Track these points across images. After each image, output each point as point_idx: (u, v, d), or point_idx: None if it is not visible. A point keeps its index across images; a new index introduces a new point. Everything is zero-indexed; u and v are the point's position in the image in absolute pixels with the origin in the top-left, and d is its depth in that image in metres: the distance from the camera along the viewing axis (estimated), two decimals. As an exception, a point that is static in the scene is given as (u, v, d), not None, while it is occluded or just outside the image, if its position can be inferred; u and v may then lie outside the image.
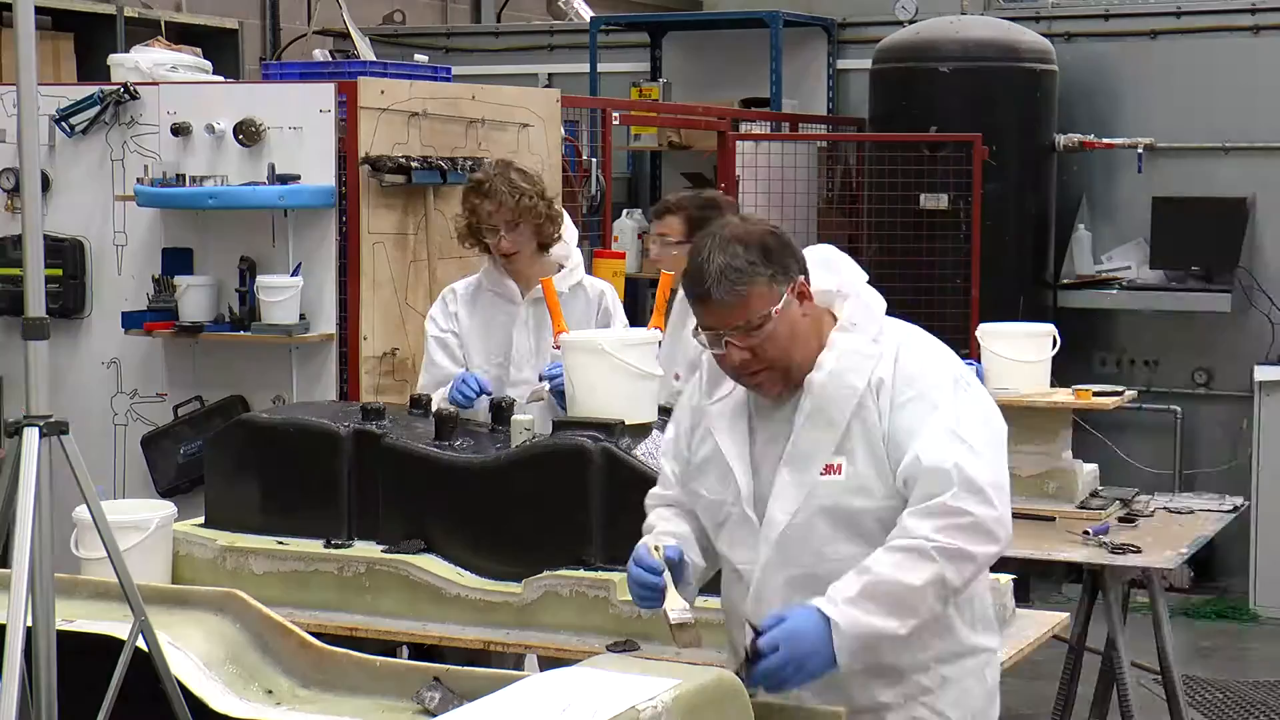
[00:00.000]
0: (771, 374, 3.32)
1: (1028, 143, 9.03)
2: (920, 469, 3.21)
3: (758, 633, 3.19)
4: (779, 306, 3.25)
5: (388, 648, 4.46)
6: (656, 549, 3.40)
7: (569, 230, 5.42)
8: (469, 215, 5.27)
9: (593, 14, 10.95)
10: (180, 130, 6.27)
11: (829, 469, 3.30)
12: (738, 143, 8.83)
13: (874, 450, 3.28)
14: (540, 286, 5.18)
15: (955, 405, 3.28)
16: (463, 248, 5.44)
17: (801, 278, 3.30)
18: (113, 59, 6.80)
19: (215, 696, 3.42)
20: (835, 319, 3.37)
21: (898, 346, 3.34)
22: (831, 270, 3.42)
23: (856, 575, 3.18)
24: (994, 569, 3.47)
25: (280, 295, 6.16)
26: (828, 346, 3.33)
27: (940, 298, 8.54)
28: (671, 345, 5.24)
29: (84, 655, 3.39)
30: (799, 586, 3.30)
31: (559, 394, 4.99)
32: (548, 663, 4.24)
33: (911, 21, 9.49)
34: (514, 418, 4.74)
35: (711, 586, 3.56)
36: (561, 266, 5.34)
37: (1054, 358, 6.10)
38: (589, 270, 5.92)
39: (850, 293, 3.40)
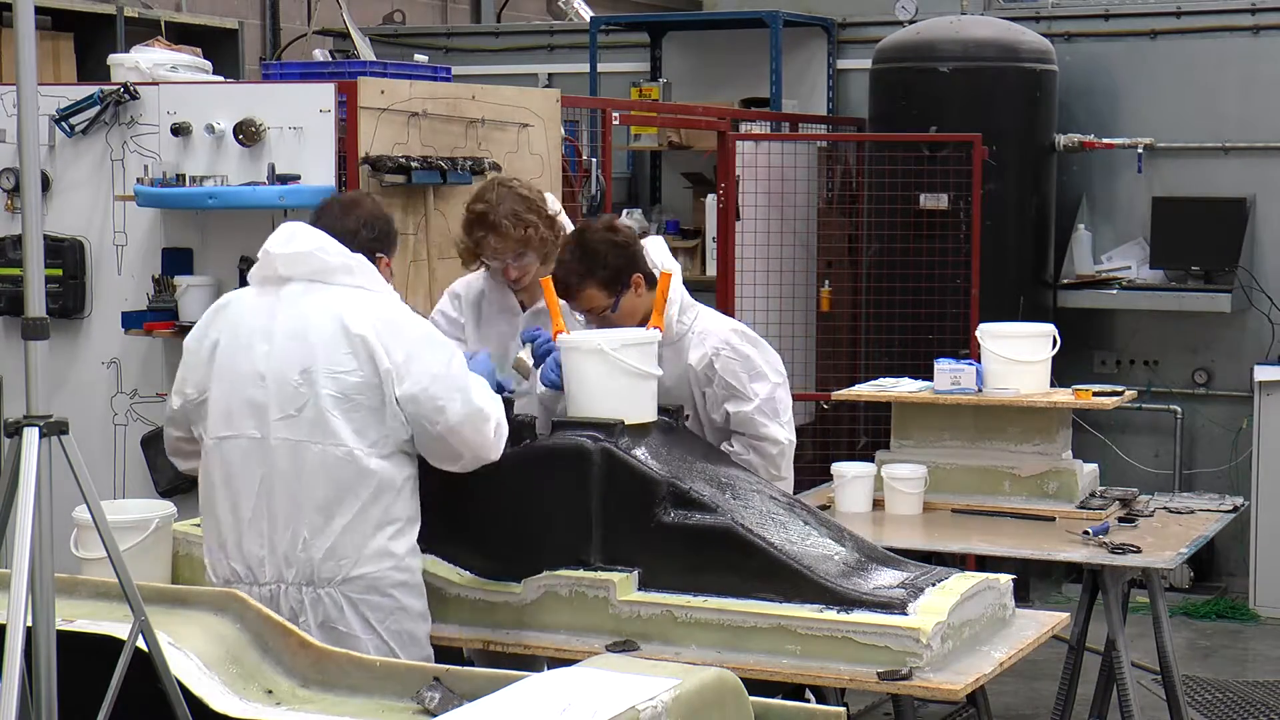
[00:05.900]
0: None
1: (1028, 143, 9.01)
2: None
3: None
4: None
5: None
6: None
7: (566, 225, 5.40)
8: (473, 245, 5.26)
9: (593, 14, 10.94)
10: (180, 130, 6.26)
11: None
12: (738, 143, 8.82)
13: None
14: (542, 297, 5.15)
15: None
16: (466, 269, 5.44)
17: None
18: (113, 59, 6.79)
19: (215, 696, 3.42)
20: None
21: None
22: None
23: None
24: (993, 569, 3.47)
25: (280, 295, 6.14)
26: None
27: (940, 298, 8.54)
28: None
29: (84, 655, 3.39)
30: None
31: (543, 358, 5.01)
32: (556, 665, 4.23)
33: (911, 21, 9.47)
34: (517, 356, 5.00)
35: (705, 587, 3.53)
36: None
37: (1054, 358, 6.09)
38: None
39: None
